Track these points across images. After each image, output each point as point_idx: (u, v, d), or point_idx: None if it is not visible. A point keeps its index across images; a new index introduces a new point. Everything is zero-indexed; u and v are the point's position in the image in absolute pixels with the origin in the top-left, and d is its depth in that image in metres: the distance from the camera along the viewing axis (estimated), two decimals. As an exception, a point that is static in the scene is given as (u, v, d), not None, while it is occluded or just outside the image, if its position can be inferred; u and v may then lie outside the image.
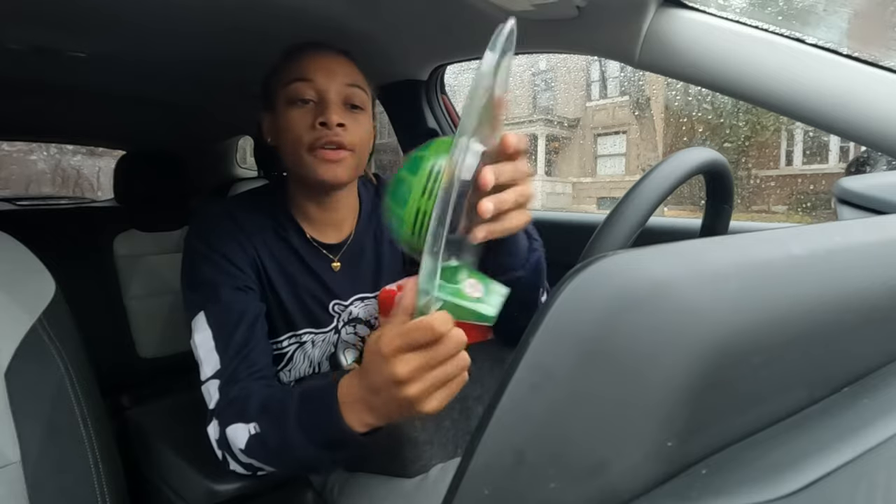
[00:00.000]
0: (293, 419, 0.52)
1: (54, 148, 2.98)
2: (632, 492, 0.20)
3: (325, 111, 0.66)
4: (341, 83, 0.68)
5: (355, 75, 0.71)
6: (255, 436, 0.55)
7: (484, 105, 0.37)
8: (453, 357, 0.41)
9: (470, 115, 0.36)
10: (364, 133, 0.71)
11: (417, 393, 0.41)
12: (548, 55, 1.11)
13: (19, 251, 0.62)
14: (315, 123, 0.66)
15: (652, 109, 9.72)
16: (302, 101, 0.67)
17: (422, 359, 0.40)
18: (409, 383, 0.41)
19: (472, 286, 0.42)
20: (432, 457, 0.69)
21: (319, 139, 0.66)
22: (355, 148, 0.69)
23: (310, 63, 0.68)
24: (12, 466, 0.53)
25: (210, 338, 0.64)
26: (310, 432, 0.51)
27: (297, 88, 0.67)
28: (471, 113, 0.36)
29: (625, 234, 0.46)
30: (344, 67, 0.70)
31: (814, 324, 0.26)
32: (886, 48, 0.62)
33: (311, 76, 0.68)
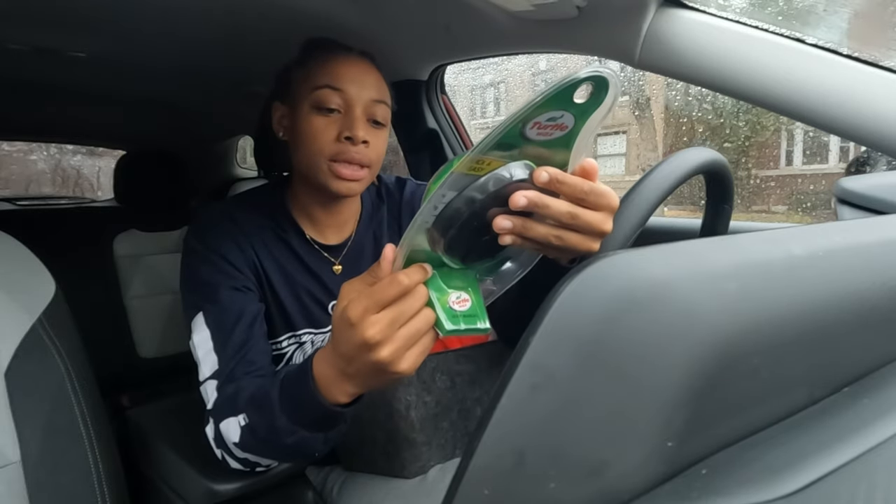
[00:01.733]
0: (276, 405, 0.52)
1: (54, 148, 2.97)
2: (632, 492, 0.20)
3: (352, 126, 0.66)
4: (369, 98, 0.68)
5: (382, 88, 0.70)
6: (246, 427, 0.55)
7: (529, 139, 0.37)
8: (420, 312, 0.40)
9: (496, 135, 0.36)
10: (382, 148, 0.71)
11: (390, 354, 0.40)
12: (548, 55, 1.11)
13: (19, 251, 0.62)
14: (340, 136, 0.66)
15: (652, 109, 9.69)
16: (328, 109, 0.67)
17: (390, 316, 0.39)
18: (381, 345, 0.40)
19: (456, 299, 0.42)
20: (431, 458, 0.69)
21: (341, 153, 0.66)
22: (373, 164, 0.69)
23: (341, 70, 0.67)
24: (12, 466, 0.53)
25: (208, 338, 0.64)
26: (293, 415, 0.51)
27: (326, 96, 0.66)
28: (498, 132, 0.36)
29: (625, 234, 0.46)
30: (372, 78, 0.69)
31: (814, 324, 0.26)
32: (886, 48, 0.62)
33: (341, 85, 0.67)
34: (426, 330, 0.41)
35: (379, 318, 0.39)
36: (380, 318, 0.39)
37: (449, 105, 1.34)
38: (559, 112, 0.37)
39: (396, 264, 0.40)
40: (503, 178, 0.38)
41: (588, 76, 0.35)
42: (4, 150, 2.64)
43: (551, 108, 0.36)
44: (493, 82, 12.25)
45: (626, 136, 10.80)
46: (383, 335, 0.40)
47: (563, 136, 0.38)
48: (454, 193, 0.37)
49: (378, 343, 0.40)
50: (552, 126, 0.37)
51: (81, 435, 0.59)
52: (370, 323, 0.39)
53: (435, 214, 0.38)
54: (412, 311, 0.40)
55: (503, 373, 0.21)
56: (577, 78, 0.35)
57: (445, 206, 0.37)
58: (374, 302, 0.39)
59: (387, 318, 0.39)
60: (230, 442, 0.57)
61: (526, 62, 3.21)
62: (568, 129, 0.38)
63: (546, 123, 0.37)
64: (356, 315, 0.40)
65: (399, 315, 0.39)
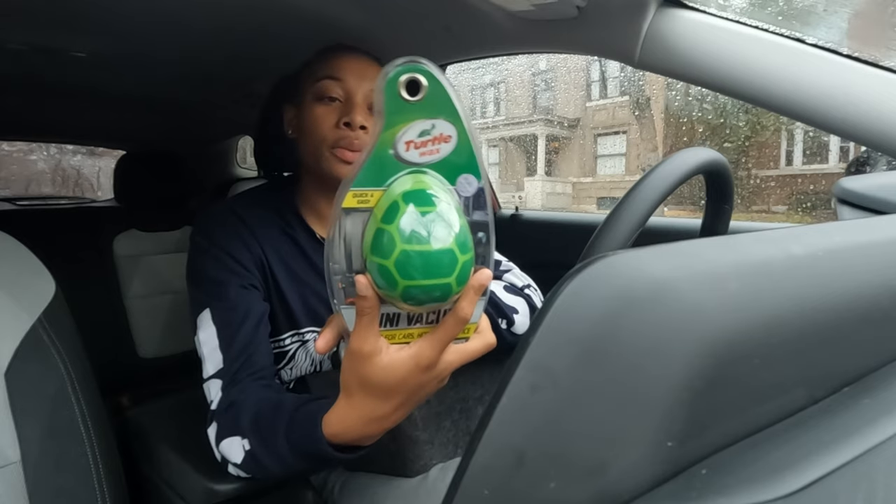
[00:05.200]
0: (283, 439, 0.51)
1: (54, 148, 2.97)
2: (632, 492, 0.20)
3: (351, 112, 0.68)
4: (369, 87, 0.70)
5: None
6: (249, 452, 0.55)
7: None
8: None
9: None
10: None
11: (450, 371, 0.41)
12: (548, 55, 1.12)
13: (19, 251, 0.62)
14: (339, 123, 0.68)
15: (652, 109, 9.73)
16: (329, 98, 0.69)
17: (455, 346, 0.40)
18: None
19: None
20: (432, 457, 0.69)
21: (342, 139, 0.68)
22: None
23: (342, 63, 0.70)
24: (12, 466, 0.53)
25: (214, 336, 0.64)
26: (301, 456, 0.50)
27: (326, 86, 0.69)
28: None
29: (625, 234, 0.46)
30: (373, 71, 0.72)
31: (814, 324, 0.26)
32: (886, 48, 0.62)
33: (341, 76, 0.69)
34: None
35: (452, 352, 0.39)
36: (452, 352, 0.39)
37: (449, 105, 1.34)
38: (426, 123, 0.34)
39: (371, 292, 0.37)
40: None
41: (399, 69, 0.33)
42: (4, 150, 2.64)
43: (406, 120, 0.34)
44: (493, 82, 12.19)
45: (626, 136, 10.76)
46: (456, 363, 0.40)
47: (455, 150, 0.35)
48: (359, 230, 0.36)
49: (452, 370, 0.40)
50: (430, 140, 0.35)
51: (81, 435, 0.59)
52: (449, 362, 0.39)
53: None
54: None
55: (503, 372, 0.21)
56: (387, 74, 0.33)
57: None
58: (445, 342, 0.38)
59: (455, 350, 0.40)
60: (231, 462, 0.57)
61: (526, 62, 3.24)
62: (453, 140, 0.35)
63: (421, 140, 0.35)
64: (432, 358, 0.38)
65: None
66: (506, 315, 0.70)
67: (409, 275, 0.33)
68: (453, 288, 0.34)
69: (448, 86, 0.34)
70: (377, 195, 0.35)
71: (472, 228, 0.36)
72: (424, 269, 0.33)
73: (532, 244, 1.32)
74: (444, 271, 0.34)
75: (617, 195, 2.20)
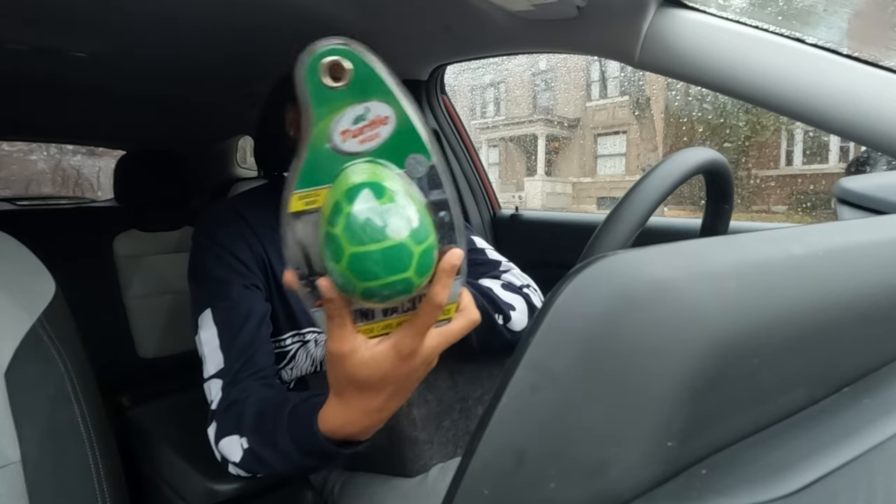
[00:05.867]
0: (285, 436, 0.51)
1: (54, 148, 2.97)
2: (632, 492, 0.20)
3: None
4: None
5: None
6: (248, 450, 0.55)
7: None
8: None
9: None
10: None
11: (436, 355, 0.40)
12: (548, 55, 1.12)
13: (19, 251, 0.62)
14: None
15: (652, 109, 9.73)
16: None
17: (435, 331, 0.39)
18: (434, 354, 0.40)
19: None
20: (432, 457, 0.69)
21: None
22: None
23: None
24: (12, 466, 0.53)
25: (215, 335, 0.64)
26: (304, 452, 0.50)
27: None
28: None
29: (625, 234, 0.46)
30: None
31: (814, 324, 0.26)
32: (886, 48, 0.62)
33: None
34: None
35: (434, 336, 0.38)
36: (434, 336, 0.38)
37: (449, 105, 1.34)
38: (359, 107, 0.32)
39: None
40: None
41: (317, 55, 0.31)
42: (4, 150, 2.64)
43: (336, 108, 0.32)
44: (493, 82, 12.13)
45: (626, 136, 10.77)
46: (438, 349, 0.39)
47: (396, 130, 0.33)
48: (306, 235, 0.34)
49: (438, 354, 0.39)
50: (366, 125, 0.33)
51: (81, 435, 0.59)
52: (432, 346, 0.38)
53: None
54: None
55: (503, 372, 0.21)
56: (304, 62, 0.31)
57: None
58: (423, 330, 0.37)
59: (437, 333, 0.39)
60: (230, 460, 0.57)
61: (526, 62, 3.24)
62: (392, 121, 0.33)
63: (356, 126, 0.33)
64: (412, 347, 0.37)
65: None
66: (502, 310, 0.69)
67: (364, 276, 0.32)
68: (414, 280, 0.33)
69: (376, 63, 0.32)
70: (323, 194, 0.34)
71: (433, 209, 0.34)
72: (378, 267, 0.31)
73: (532, 244, 1.32)
74: (400, 266, 0.32)
75: (617, 195, 2.20)
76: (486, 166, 1.42)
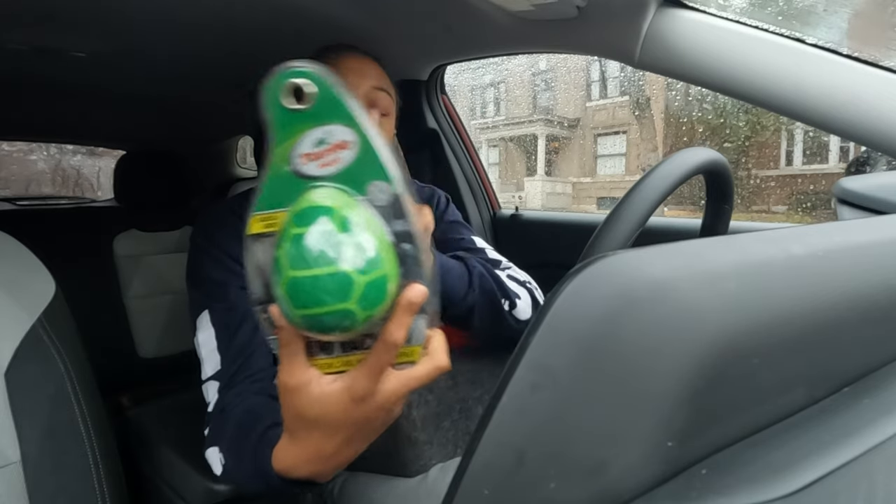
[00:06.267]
0: (250, 462, 0.50)
1: (54, 148, 2.97)
2: (632, 492, 0.20)
3: None
4: (369, 85, 0.69)
5: (383, 80, 0.72)
6: (224, 466, 0.55)
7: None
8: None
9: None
10: (387, 138, 0.72)
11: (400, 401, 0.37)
12: (548, 55, 1.12)
13: (19, 251, 0.62)
14: None
15: (652, 109, 9.73)
16: None
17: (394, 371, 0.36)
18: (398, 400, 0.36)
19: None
20: (432, 457, 0.69)
21: None
22: None
23: (341, 63, 0.70)
24: (12, 466, 0.53)
25: (213, 337, 0.64)
26: (266, 483, 0.48)
27: None
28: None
29: (625, 234, 0.46)
30: (373, 71, 0.71)
31: (814, 324, 0.26)
32: (886, 48, 0.62)
33: (340, 75, 0.68)
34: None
35: (392, 380, 0.35)
36: (392, 379, 0.35)
37: (449, 105, 1.34)
38: (320, 131, 0.32)
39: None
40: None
41: (280, 77, 0.31)
42: (4, 150, 2.64)
43: (298, 131, 0.32)
44: (493, 82, 12.15)
45: (626, 136, 10.77)
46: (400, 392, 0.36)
47: (358, 156, 0.32)
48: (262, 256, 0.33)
49: (399, 399, 0.36)
50: (327, 149, 0.32)
51: (81, 435, 0.59)
52: (390, 391, 0.35)
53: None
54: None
55: (504, 372, 0.21)
56: (268, 85, 0.31)
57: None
58: (378, 371, 0.34)
59: (396, 377, 0.35)
60: (214, 471, 0.57)
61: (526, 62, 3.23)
62: (354, 146, 0.32)
63: (317, 150, 0.32)
64: (367, 389, 0.34)
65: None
66: (508, 296, 0.69)
67: (300, 303, 0.30)
68: (356, 312, 0.30)
69: (338, 87, 0.32)
70: (282, 217, 0.32)
71: (395, 240, 0.32)
72: (315, 295, 0.30)
73: (532, 244, 1.32)
74: (339, 296, 0.30)
75: (617, 195, 2.20)
76: (486, 166, 1.42)
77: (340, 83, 0.32)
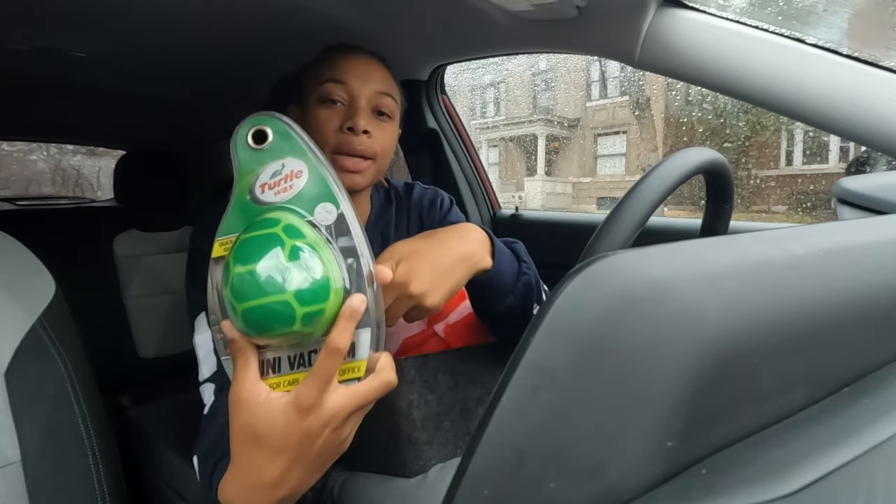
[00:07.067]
0: (207, 479, 0.51)
1: (54, 148, 2.97)
2: (632, 492, 0.20)
3: (354, 116, 0.67)
4: (373, 89, 0.69)
5: (388, 82, 0.72)
6: (199, 475, 0.55)
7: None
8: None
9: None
10: (389, 142, 0.72)
11: (351, 423, 0.38)
12: (548, 55, 1.12)
13: (19, 251, 0.62)
14: (342, 127, 0.67)
15: (652, 109, 9.73)
16: (332, 101, 0.68)
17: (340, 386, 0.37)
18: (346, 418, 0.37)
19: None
20: (431, 457, 0.69)
21: (344, 145, 0.67)
22: (377, 156, 0.70)
23: (346, 65, 0.69)
24: (12, 466, 0.53)
25: (210, 339, 0.64)
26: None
27: (330, 88, 0.68)
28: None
29: (625, 234, 0.46)
30: (378, 73, 0.71)
31: (814, 324, 0.26)
32: (886, 48, 0.62)
33: (344, 78, 0.68)
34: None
35: (338, 393, 0.36)
36: (338, 393, 0.36)
37: (449, 105, 1.34)
38: (276, 164, 0.38)
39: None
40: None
41: (244, 125, 0.38)
42: (4, 150, 2.64)
43: (259, 165, 0.38)
44: (493, 82, 12.22)
45: (626, 136, 10.79)
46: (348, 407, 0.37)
47: (308, 182, 0.38)
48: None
49: (347, 416, 0.37)
50: (282, 179, 0.37)
51: (81, 435, 0.59)
52: (337, 405, 0.36)
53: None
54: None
55: (503, 373, 0.21)
56: (237, 132, 0.38)
57: None
58: (323, 380, 0.35)
59: (343, 391, 0.36)
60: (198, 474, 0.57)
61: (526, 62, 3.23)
62: (304, 174, 0.38)
63: (273, 180, 0.37)
64: (312, 399, 0.35)
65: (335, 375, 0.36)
66: (541, 297, 0.68)
67: (242, 296, 0.33)
68: (294, 307, 0.33)
69: (292, 127, 0.38)
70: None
71: (340, 256, 0.36)
72: (255, 287, 0.33)
73: (532, 244, 1.32)
74: (277, 288, 0.33)
75: (617, 195, 2.20)
76: (486, 166, 1.42)
77: (294, 125, 0.39)
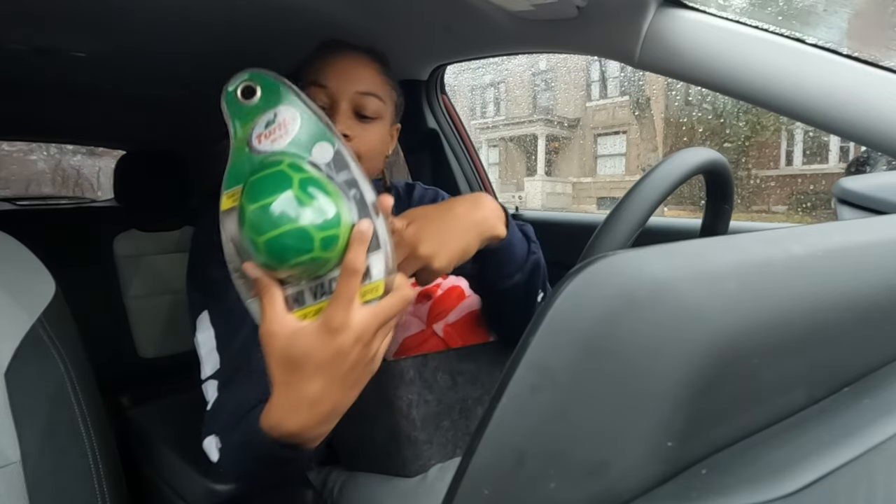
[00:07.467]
0: (242, 435, 0.51)
1: (54, 148, 2.98)
2: (632, 492, 0.20)
3: (332, 119, 0.66)
4: (354, 91, 0.68)
5: (374, 81, 0.71)
6: (221, 450, 0.55)
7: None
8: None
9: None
10: (373, 142, 0.71)
11: (380, 338, 0.42)
12: (548, 55, 1.12)
13: (19, 251, 0.62)
14: None
15: (652, 109, 9.74)
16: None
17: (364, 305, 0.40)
18: (375, 333, 0.41)
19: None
20: (431, 457, 0.69)
21: None
22: (361, 158, 0.69)
23: (328, 67, 0.69)
24: (12, 466, 0.53)
25: (212, 337, 0.64)
26: (254, 457, 0.49)
27: (312, 93, 0.68)
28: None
29: (625, 234, 0.46)
30: (362, 73, 0.70)
31: (814, 324, 0.26)
32: (886, 48, 0.62)
33: (325, 81, 0.68)
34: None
35: (363, 311, 0.39)
36: (363, 310, 0.39)
37: (449, 105, 1.34)
38: (268, 114, 0.39)
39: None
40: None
41: (231, 84, 0.40)
42: (4, 150, 2.64)
43: (252, 118, 0.40)
44: (493, 82, 12.21)
45: (626, 136, 10.79)
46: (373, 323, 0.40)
47: (302, 126, 0.40)
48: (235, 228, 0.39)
49: (374, 332, 0.40)
50: (276, 127, 0.39)
51: (81, 435, 0.59)
52: (363, 322, 0.39)
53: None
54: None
55: (503, 372, 0.21)
56: (225, 91, 0.40)
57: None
58: (347, 300, 0.38)
59: (367, 308, 0.40)
60: (211, 458, 0.57)
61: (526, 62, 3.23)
62: (297, 119, 0.40)
63: (268, 130, 0.39)
64: (340, 319, 0.38)
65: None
66: (545, 287, 0.69)
67: (261, 230, 0.36)
68: (312, 233, 0.36)
69: (278, 79, 0.40)
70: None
71: (343, 188, 0.39)
72: (273, 219, 0.35)
73: (532, 244, 1.32)
74: (293, 217, 0.35)
75: (617, 195, 2.20)
76: (486, 166, 1.42)
77: (280, 76, 0.40)
